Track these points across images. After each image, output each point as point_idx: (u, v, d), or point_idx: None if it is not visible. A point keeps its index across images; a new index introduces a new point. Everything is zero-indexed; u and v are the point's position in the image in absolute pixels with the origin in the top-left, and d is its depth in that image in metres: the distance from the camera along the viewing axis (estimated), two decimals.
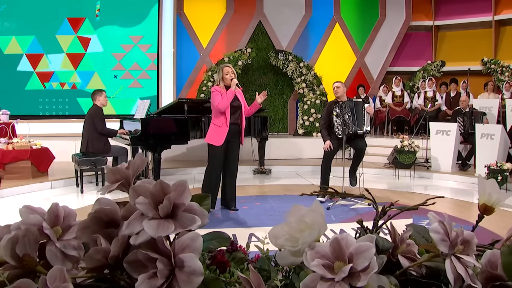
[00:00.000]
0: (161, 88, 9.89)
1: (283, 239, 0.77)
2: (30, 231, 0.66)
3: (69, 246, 0.68)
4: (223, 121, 4.64)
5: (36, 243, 0.67)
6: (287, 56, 9.97)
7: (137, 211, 0.66)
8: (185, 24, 10.05)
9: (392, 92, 9.92)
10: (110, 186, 0.75)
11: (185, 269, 0.60)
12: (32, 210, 0.72)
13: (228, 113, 4.62)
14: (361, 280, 0.66)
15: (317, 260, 0.69)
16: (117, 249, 0.64)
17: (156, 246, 0.62)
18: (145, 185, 0.68)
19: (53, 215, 0.71)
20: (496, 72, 9.92)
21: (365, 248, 0.68)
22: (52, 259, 0.66)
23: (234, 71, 4.75)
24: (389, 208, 0.88)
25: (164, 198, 0.66)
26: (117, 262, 0.65)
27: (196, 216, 0.66)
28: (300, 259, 0.74)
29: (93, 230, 0.70)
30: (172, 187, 0.67)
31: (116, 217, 0.70)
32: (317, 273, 0.68)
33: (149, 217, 0.64)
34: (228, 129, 4.63)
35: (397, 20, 10.87)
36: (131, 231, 0.63)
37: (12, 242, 0.64)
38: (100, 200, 0.72)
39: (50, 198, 5.79)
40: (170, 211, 0.65)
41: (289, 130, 10.85)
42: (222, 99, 4.56)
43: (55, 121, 9.15)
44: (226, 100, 4.56)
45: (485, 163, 6.40)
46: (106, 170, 0.72)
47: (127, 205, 0.71)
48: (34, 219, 0.69)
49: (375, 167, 7.99)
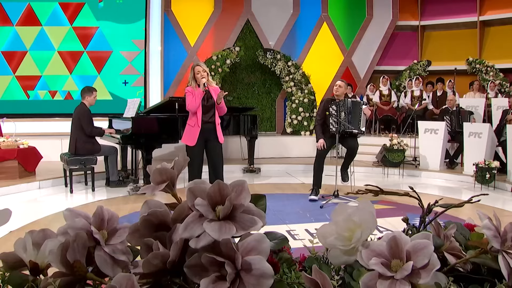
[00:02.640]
0: (148, 86, 9.77)
1: (332, 238, 0.76)
2: (80, 236, 0.63)
3: (118, 250, 0.66)
4: (195, 121, 4.63)
5: (85, 248, 0.64)
6: (275, 55, 9.96)
7: (193, 213, 0.63)
8: (172, 22, 9.96)
9: (379, 91, 10.00)
10: (156, 187, 0.72)
11: (253, 272, 0.58)
12: (77, 213, 0.69)
13: (199, 113, 4.61)
14: (422, 277, 0.65)
15: (375, 259, 0.68)
16: (176, 253, 0.61)
17: (218, 249, 0.60)
18: (201, 186, 0.65)
19: (98, 219, 0.68)
20: (481, 72, 10.08)
21: (423, 245, 0.68)
22: (102, 264, 0.63)
23: (205, 69, 4.68)
24: (434, 205, 0.88)
25: (220, 199, 0.64)
26: (174, 267, 0.62)
27: (255, 217, 0.63)
28: (353, 258, 0.73)
29: (142, 233, 0.67)
30: (230, 187, 0.65)
31: (167, 220, 0.68)
32: (374, 271, 0.67)
33: (208, 219, 0.61)
34: (200, 129, 4.61)
35: (384, 19, 10.96)
36: (191, 234, 0.60)
37: (63, 248, 0.61)
38: (149, 202, 0.70)
39: (38, 198, 5.67)
40: (229, 212, 0.63)
41: (276, 129, 10.84)
42: (192, 100, 4.53)
43: (40, 120, 8.82)
44: (195, 101, 4.53)
45: (473, 161, 6.49)
46: (151, 170, 0.69)
47: (177, 207, 0.69)
48: (80, 223, 0.66)
49: (363, 165, 8.04)
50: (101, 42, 9.18)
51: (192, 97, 4.59)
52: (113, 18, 9.21)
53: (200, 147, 4.67)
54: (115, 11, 9.18)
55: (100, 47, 9.18)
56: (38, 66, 8.68)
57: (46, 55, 8.67)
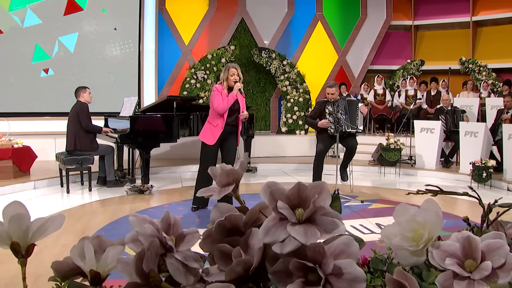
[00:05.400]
0: (143, 85, 9.68)
1: (398, 239, 0.74)
2: (154, 244, 0.59)
3: (189, 257, 0.62)
4: (219, 122, 4.56)
5: (157, 256, 0.60)
6: (270, 54, 9.94)
7: (272, 216, 0.60)
8: (166, 21, 9.89)
9: (374, 90, 10.04)
10: (223, 190, 0.69)
11: (344, 276, 0.55)
12: (143, 219, 0.65)
13: (225, 115, 4.56)
14: (500, 277, 0.64)
15: (449, 259, 0.67)
16: (258, 260, 0.58)
17: (303, 253, 0.57)
18: (279, 188, 0.62)
19: (166, 224, 0.65)
20: (474, 71, 10.17)
21: (498, 245, 0.66)
22: (175, 273, 0.60)
23: (240, 73, 4.57)
24: (494, 205, 0.86)
25: (298, 201, 0.61)
26: (255, 273, 0.59)
27: (335, 219, 0.61)
28: (423, 258, 0.72)
29: (214, 239, 0.64)
30: (309, 189, 0.62)
31: (239, 224, 0.65)
32: (448, 271, 0.66)
33: (291, 223, 0.59)
34: (222, 130, 4.57)
35: (378, 19, 11.01)
36: (275, 239, 0.57)
37: (139, 257, 0.58)
38: (220, 206, 0.67)
39: (33, 199, 5.57)
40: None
41: (271, 128, 10.83)
42: (223, 102, 4.47)
43: (33, 118, 8.70)
44: (227, 104, 4.48)
45: (469, 160, 6.54)
46: (214, 172, 0.66)
47: (250, 210, 0.66)
48: (150, 230, 0.63)
49: (359, 164, 8.05)
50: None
51: (221, 98, 4.49)
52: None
53: (217, 146, 4.63)
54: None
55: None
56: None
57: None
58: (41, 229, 0.69)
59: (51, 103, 8.85)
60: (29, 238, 0.68)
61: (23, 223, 0.68)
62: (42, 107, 8.86)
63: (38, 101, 8.83)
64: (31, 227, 0.68)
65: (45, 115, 8.81)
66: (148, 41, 9.66)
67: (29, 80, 8.81)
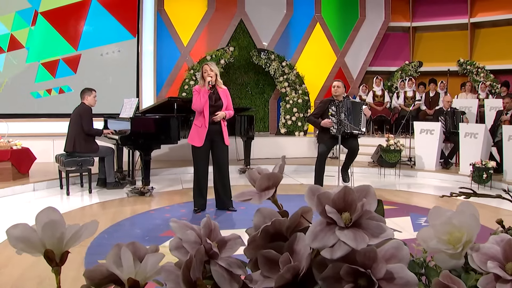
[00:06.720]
0: (141, 86, 9.64)
1: (434, 242, 0.74)
2: (200, 251, 0.58)
3: (233, 264, 0.61)
4: (202, 122, 4.55)
5: (202, 264, 0.59)
6: (269, 55, 9.94)
7: (320, 221, 0.59)
8: (165, 22, 9.86)
9: (373, 92, 10.05)
10: (263, 194, 0.68)
11: (396, 281, 0.54)
12: (185, 225, 0.64)
13: (206, 113, 4.52)
14: None
15: (491, 262, 0.67)
16: (307, 265, 0.57)
17: (352, 258, 0.56)
18: (325, 192, 0.61)
19: (208, 230, 0.64)
20: (472, 73, 10.20)
21: None
22: (220, 280, 0.59)
23: (212, 69, 4.56)
24: None
25: (344, 205, 0.60)
26: (303, 279, 0.58)
27: (381, 223, 0.60)
28: (461, 261, 0.72)
29: (258, 244, 0.63)
30: (355, 192, 0.61)
31: (282, 229, 0.64)
32: (490, 274, 0.65)
33: (339, 227, 0.58)
34: (207, 129, 4.54)
35: (376, 20, 11.03)
36: (323, 244, 0.56)
37: (187, 266, 0.56)
38: (262, 211, 0.65)
39: (33, 201, 5.53)
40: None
41: (270, 130, 10.82)
42: (197, 99, 4.48)
43: (31, 120, 8.63)
44: (199, 101, 4.47)
45: (469, 161, 6.55)
46: (254, 176, 0.65)
47: (292, 215, 0.65)
48: (193, 237, 0.62)
49: (359, 165, 8.04)
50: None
51: (198, 96, 4.51)
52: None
53: (206, 148, 4.61)
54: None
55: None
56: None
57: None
58: (75, 236, 0.67)
59: (50, 104, 8.81)
60: (63, 245, 0.67)
61: (58, 230, 0.66)
62: (41, 108, 8.81)
63: (36, 103, 8.78)
64: (65, 234, 0.67)
65: (44, 116, 8.75)
66: (146, 42, 9.63)
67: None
